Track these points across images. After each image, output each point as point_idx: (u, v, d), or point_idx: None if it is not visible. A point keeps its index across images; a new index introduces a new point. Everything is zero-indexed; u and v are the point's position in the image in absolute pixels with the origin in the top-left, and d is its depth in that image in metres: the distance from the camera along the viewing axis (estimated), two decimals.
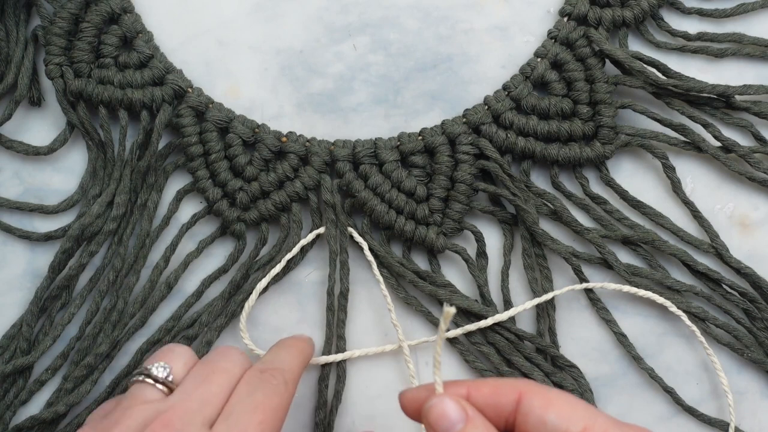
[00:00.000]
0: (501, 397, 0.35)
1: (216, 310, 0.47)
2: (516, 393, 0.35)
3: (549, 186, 0.49)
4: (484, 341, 0.47)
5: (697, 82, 0.48)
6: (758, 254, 0.48)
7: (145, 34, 0.49)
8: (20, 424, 0.45)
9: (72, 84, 0.47)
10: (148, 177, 0.48)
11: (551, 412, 0.34)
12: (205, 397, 0.35)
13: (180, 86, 0.48)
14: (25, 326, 0.46)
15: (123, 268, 0.47)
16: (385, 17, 0.50)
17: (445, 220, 0.48)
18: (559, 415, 0.34)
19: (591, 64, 0.48)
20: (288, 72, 0.50)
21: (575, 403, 0.35)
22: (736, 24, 0.50)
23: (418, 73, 0.50)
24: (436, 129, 0.48)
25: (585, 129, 0.48)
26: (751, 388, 0.47)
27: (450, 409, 0.34)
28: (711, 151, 0.48)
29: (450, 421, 0.34)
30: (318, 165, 0.48)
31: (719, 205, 0.49)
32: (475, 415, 0.34)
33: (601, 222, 0.48)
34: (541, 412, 0.34)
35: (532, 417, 0.34)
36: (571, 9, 0.49)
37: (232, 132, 0.48)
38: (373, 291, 0.48)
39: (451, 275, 0.48)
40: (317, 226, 0.48)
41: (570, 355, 0.47)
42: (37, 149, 0.48)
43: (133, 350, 0.47)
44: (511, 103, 0.48)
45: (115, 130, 0.49)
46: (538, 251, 0.48)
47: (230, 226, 0.48)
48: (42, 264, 0.48)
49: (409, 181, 0.48)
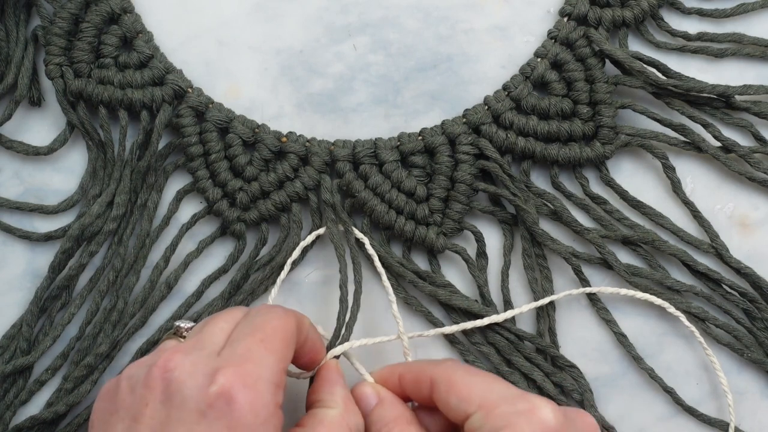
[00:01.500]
0: (421, 384, 0.40)
1: (216, 310, 0.47)
2: (428, 380, 0.40)
3: (549, 186, 0.49)
4: (484, 341, 0.47)
5: (697, 82, 0.48)
6: (758, 254, 0.48)
7: (145, 34, 0.49)
8: (20, 425, 0.45)
9: (72, 84, 0.47)
10: (148, 177, 0.48)
11: (452, 396, 0.38)
12: (212, 331, 0.38)
13: (180, 86, 0.48)
14: (25, 326, 0.46)
15: (123, 268, 0.47)
16: (385, 17, 0.50)
17: (445, 220, 0.48)
18: (458, 398, 0.38)
19: (591, 64, 0.48)
20: (288, 72, 0.50)
21: (473, 383, 0.39)
22: (736, 24, 0.50)
23: (418, 73, 0.50)
24: (436, 129, 0.48)
25: (585, 129, 0.48)
26: (751, 388, 0.47)
27: (366, 392, 0.41)
28: (711, 151, 0.48)
29: (367, 402, 0.41)
30: (318, 165, 0.48)
31: (719, 205, 0.49)
32: (386, 397, 0.41)
33: (601, 222, 0.48)
34: (445, 397, 0.38)
35: (441, 400, 0.39)
36: (571, 9, 0.49)
37: (232, 132, 0.48)
38: (374, 291, 0.48)
39: (451, 275, 0.48)
40: (317, 226, 0.48)
41: (570, 356, 0.47)
42: (37, 149, 0.48)
43: (133, 350, 0.47)
44: (511, 103, 0.48)
45: (115, 130, 0.49)
46: (538, 251, 0.48)
47: (230, 226, 0.48)
48: (42, 264, 0.48)
49: (409, 181, 0.48)
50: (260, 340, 0.36)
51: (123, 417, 0.35)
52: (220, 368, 0.35)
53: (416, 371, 0.41)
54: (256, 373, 0.35)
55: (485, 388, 0.38)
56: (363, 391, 0.42)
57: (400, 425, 0.40)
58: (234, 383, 0.34)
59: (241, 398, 0.34)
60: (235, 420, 0.34)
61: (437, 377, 0.39)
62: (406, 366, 0.42)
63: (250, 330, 0.37)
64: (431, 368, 0.40)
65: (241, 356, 0.35)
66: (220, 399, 0.34)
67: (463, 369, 0.40)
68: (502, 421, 0.37)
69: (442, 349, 0.48)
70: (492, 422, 0.37)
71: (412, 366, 0.42)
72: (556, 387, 0.46)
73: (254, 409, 0.34)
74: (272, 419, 0.35)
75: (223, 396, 0.34)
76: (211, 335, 0.38)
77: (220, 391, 0.34)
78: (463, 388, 0.38)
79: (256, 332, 0.37)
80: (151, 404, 0.35)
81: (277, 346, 0.37)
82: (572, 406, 0.46)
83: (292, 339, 0.38)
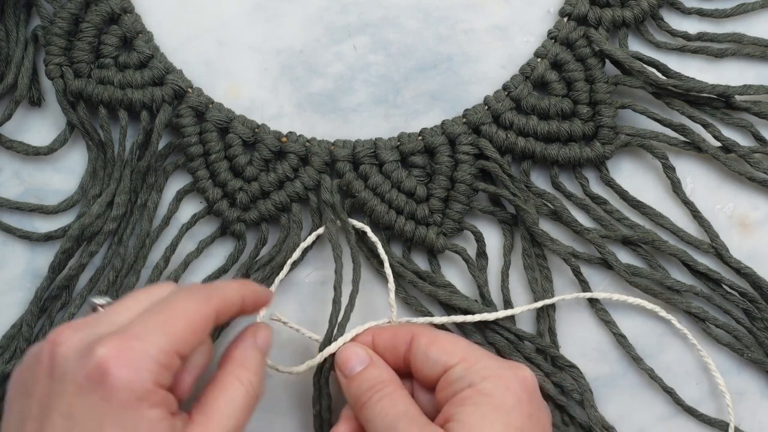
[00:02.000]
0: (398, 339, 0.41)
1: None
2: (409, 335, 0.41)
3: (549, 186, 0.49)
4: (484, 341, 0.47)
5: (697, 82, 0.48)
6: (758, 254, 0.48)
7: (145, 34, 0.49)
8: None
9: (72, 84, 0.47)
10: (148, 177, 0.48)
11: (433, 348, 0.40)
12: (117, 310, 0.37)
13: (180, 86, 0.48)
14: (25, 326, 0.46)
15: (123, 268, 0.47)
16: (385, 17, 0.50)
17: (445, 220, 0.48)
18: (440, 350, 0.40)
19: (591, 64, 0.48)
20: (288, 72, 0.50)
21: (457, 340, 0.41)
22: (736, 24, 0.50)
23: (418, 73, 0.50)
24: (436, 129, 0.48)
25: (585, 129, 0.48)
26: (751, 388, 0.47)
27: (358, 353, 0.42)
28: (711, 151, 0.48)
29: (356, 362, 0.41)
30: (318, 165, 0.48)
31: (719, 205, 0.49)
32: (377, 359, 0.41)
33: (601, 222, 0.48)
34: (425, 349, 0.40)
35: (419, 354, 0.40)
36: (571, 9, 0.49)
37: (232, 132, 0.48)
38: (374, 291, 0.48)
39: (451, 275, 0.48)
40: (317, 226, 0.48)
41: (570, 356, 0.47)
42: (37, 149, 0.48)
43: None
44: (511, 104, 0.48)
45: (115, 131, 0.48)
46: (538, 251, 0.48)
47: (230, 226, 0.48)
48: (42, 264, 0.48)
49: (409, 181, 0.48)
50: (162, 321, 0.35)
51: (21, 393, 0.36)
52: (101, 342, 0.34)
53: (394, 329, 0.42)
54: (139, 350, 0.34)
55: (468, 346, 0.41)
56: (355, 351, 0.42)
57: (392, 386, 0.40)
58: (111, 357, 0.33)
59: (116, 372, 0.33)
60: (108, 394, 0.33)
61: (419, 331, 0.41)
62: (381, 328, 0.43)
63: (158, 309, 0.36)
64: (411, 326, 0.43)
65: (131, 333, 0.35)
66: (96, 372, 0.33)
67: (444, 331, 0.43)
68: (486, 372, 0.39)
69: None
70: (475, 373, 0.39)
71: (388, 327, 0.43)
72: (556, 387, 0.46)
73: (130, 385, 0.33)
74: (150, 397, 0.34)
75: (98, 369, 0.33)
76: (114, 314, 0.37)
77: (96, 363, 0.33)
78: (446, 343, 0.41)
79: (161, 312, 0.36)
80: (40, 379, 0.35)
81: (177, 329, 0.35)
82: (572, 406, 0.46)
83: (202, 325, 0.37)
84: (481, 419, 0.37)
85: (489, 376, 0.39)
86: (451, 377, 0.39)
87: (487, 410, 0.37)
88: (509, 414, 0.38)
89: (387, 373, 0.41)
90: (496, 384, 0.38)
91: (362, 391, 0.40)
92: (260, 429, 0.47)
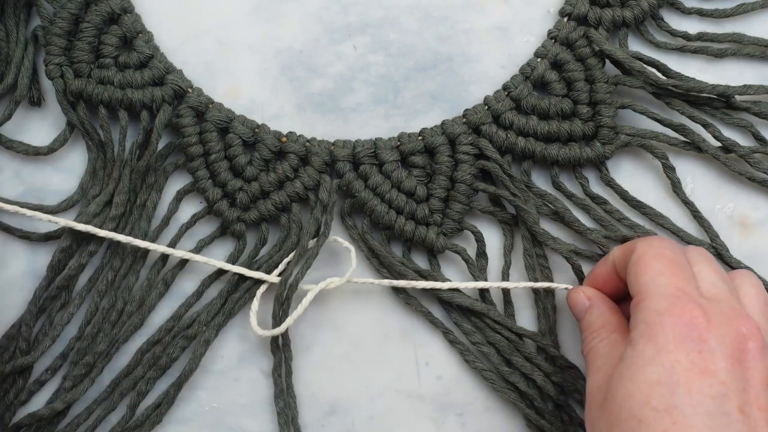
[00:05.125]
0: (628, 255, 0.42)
1: (215, 310, 0.47)
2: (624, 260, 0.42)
3: (549, 186, 0.49)
4: (485, 341, 0.47)
5: (697, 82, 0.48)
6: (758, 254, 0.48)
7: (145, 34, 0.49)
8: (19, 422, 0.45)
9: (72, 84, 0.47)
10: (147, 177, 0.48)
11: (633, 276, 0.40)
12: None
13: (180, 86, 0.48)
14: (24, 326, 0.46)
15: (122, 268, 0.47)
16: (385, 17, 0.50)
17: (445, 220, 0.48)
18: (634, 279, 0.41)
19: (591, 65, 0.48)
20: (288, 72, 0.50)
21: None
22: (736, 24, 0.50)
23: (418, 73, 0.50)
24: (436, 129, 0.48)
25: (585, 129, 0.48)
26: None
27: (577, 299, 0.44)
28: (711, 151, 0.48)
29: (577, 309, 0.44)
30: (318, 165, 0.48)
31: (719, 205, 0.49)
32: (595, 302, 0.43)
33: (602, 222, 0.48)
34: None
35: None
36: (571, 9, 0.49)
37: (232, 132, 0.48)
38: (374, 297, 0.48)
39: (451, 275, 0.48)
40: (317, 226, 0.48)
41: (570, 356, 0.47)
42: (37, 149, 0.48)
43: (132, 350, 0.47)
44: (511, 104, 0.48)
45: (115, 131, 0.48)
46: (539, 251, 0.48)
47: (230, 226, 0.48)
48: (42, 264, 0.48)
49: (409, 181, 0.48)
50: None
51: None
52: None
53: (628, 245, 0.43)
54: None
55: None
56: (573, 297, 0.44)
57: (602, 334, 0.41)
58: None
59: None
60: None
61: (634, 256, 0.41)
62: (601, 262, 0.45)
63: None
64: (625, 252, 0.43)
65: None
66: None
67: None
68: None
69: (441, 348, 0.48)
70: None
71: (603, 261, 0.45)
72: (556, 387, 0.46)
73: None
74: None
75: None
76: None
77: None
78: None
79: None
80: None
81: None
82: (572, 406, 0.46)
83: None
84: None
85: (734, 276, 0.41)
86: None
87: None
88: None
89: (602, 318, 0.42)
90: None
91: (584, 334, 0.43)
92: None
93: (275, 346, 0.46)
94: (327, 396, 0.47)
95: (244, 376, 0.47)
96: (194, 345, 0.46)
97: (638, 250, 0.41)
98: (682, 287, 0.38)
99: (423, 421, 0.47)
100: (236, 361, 0.48)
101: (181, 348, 0.46)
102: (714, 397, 0.35)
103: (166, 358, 0.46)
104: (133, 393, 0.46)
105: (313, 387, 0.47)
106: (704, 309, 0.37)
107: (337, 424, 0.47)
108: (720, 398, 0.35)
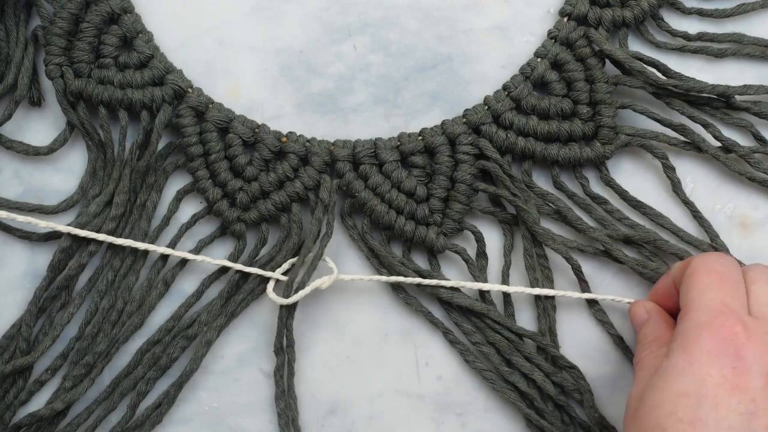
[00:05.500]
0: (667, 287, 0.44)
1: (215, 310, 0.47)
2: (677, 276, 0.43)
3: (550, 186, 0.49)
4: (485, 341, 0.47)
5: (697, 82, 0.48)
6: (758, 254, 0.48)
7: (145, 34, 0.49)
8: (19, 422, 0.45)
9: (72, 84, 0.47)
10: (147, 177, 0.48)
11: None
12: None
13: (180, 86, 0.48)
14: (25, 326, 0.46)
15: (122, 268, 0.47)
16: (385, 17, 0.50)
17: (445, 220, 0.48)
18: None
19: (591, 64, 0.48)
20: (288, 72, 0.50)
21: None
22: (736, 24, 0.50)
23: (418, 73, 0.50)
24: (436, 129, 0.48)
25: (585, 129, 0.48)
26: None
27: (636, 312, 0.44)
28: (711, 151, 0.48)
29: (636, 321, 0.44)
30: (318, 165, 0.48)
31: (719, 205, 0.49)
32: (652, 315, 0.43)
33: (602, 222, 0.48)
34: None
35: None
36: (571, 9, 0.49)
37: (232, 132, 0.48)
38: (374, 297, 0.48)
39: (451, 275, 0.48)
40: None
41: (570, 356, 0.47)
42: (37, 149, 0.48)
43: (132, 350, 0.47)
44: (511, 103, 0.48)
45: (115, 131, 0.48)
46: (539, 251, 0.48)
47: (230, 226, 0.48)
48: (42, 264, 0.48)
49: (409, 181, 0.48)
50: None
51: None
52: None
53: (686, 261, 0.43)
54: None
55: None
56: (633, 310, 0.45)
57: (652, 347, 0.41)
58: None
59: None
60: None
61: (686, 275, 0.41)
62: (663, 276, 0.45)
63: None
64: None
65: None
66: None
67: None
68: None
69: (441, 348, 0.48)
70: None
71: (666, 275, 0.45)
72: (556, 387, 0.46)
73: None
74: None
75: None
76: None
77: None
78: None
79: None
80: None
81: None
82: (572, 406, 0.46)
83: None
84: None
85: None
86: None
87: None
88: None
89: (655, 332, 0.42)
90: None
91: (637, 347, 0.43)
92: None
93: (279, 347, 0.46)
94: (327, 396, 0.47)
95: (244, 376, 0.47)
96: (194, 345, 0.46)
97: (692, 265, 0.41)
98: (727, 303, 0.38)
99: (423, 421, 0.47)
100: (236, 361, 0.48)
101: (181, 348, 0.46)
102: (741, 414, 0.35)
103: (166, 358, 0.46)
104: (133, 393, 0.46)
105: (314, 387, 0.47)
106: (746, 326, 0.37)
107: (337, 424, 0.47)
108: (747, 416, 0.35)
